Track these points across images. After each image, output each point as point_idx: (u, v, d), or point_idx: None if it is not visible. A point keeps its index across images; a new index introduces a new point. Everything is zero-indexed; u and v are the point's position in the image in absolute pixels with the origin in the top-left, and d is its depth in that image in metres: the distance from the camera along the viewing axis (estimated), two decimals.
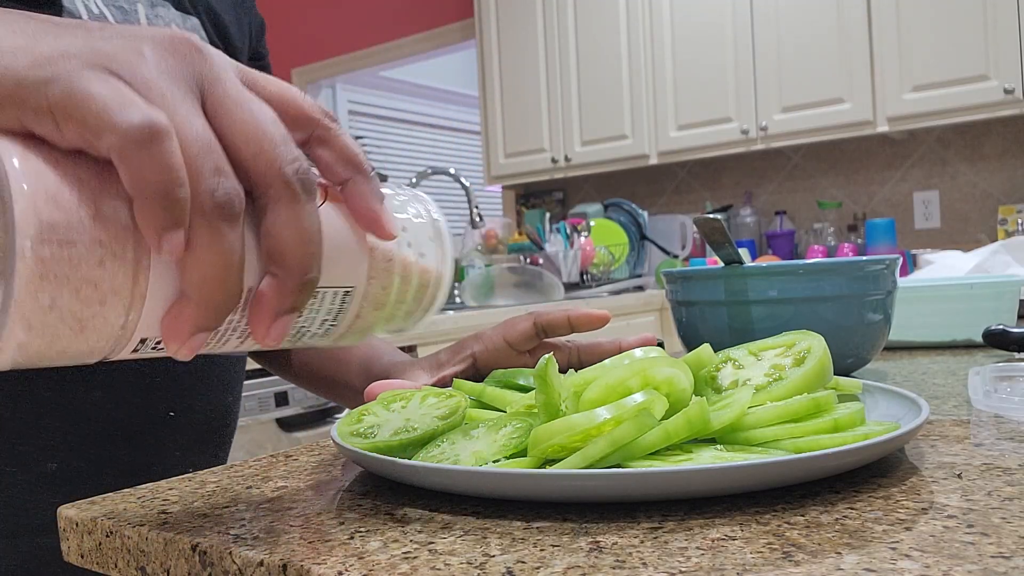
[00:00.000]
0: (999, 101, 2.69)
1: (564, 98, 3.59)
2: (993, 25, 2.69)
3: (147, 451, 0.61)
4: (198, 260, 0.29)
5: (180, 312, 0.30)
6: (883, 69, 2.88)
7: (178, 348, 0.30)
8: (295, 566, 0.31)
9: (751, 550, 0.30)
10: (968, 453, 0.42)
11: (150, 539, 0.36)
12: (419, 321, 0.40)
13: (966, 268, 1.27)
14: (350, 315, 0.36)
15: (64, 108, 0.27)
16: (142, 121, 0.27)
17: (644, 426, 0.37)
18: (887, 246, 2.87)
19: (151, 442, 0.61)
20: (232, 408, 0.70)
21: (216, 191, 0.28)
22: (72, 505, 0.41)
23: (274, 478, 0.45)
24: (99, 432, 0.58)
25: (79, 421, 0.57)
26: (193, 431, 0.64)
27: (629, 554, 0.30)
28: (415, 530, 0.34)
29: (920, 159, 3.18)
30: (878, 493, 0.36)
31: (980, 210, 3.08)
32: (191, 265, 0.29)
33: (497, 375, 0.58)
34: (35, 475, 0.56)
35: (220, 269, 0.29)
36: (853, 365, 0.69)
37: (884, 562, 0.28)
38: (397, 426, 0.45)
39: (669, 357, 0.44)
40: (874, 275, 0.67)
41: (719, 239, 0.67)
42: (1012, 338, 0.76)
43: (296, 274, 0.31)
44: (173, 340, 0.30)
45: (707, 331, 0.70)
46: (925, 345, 0.87)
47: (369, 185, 0.34)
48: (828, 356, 0.45)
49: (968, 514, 0.32)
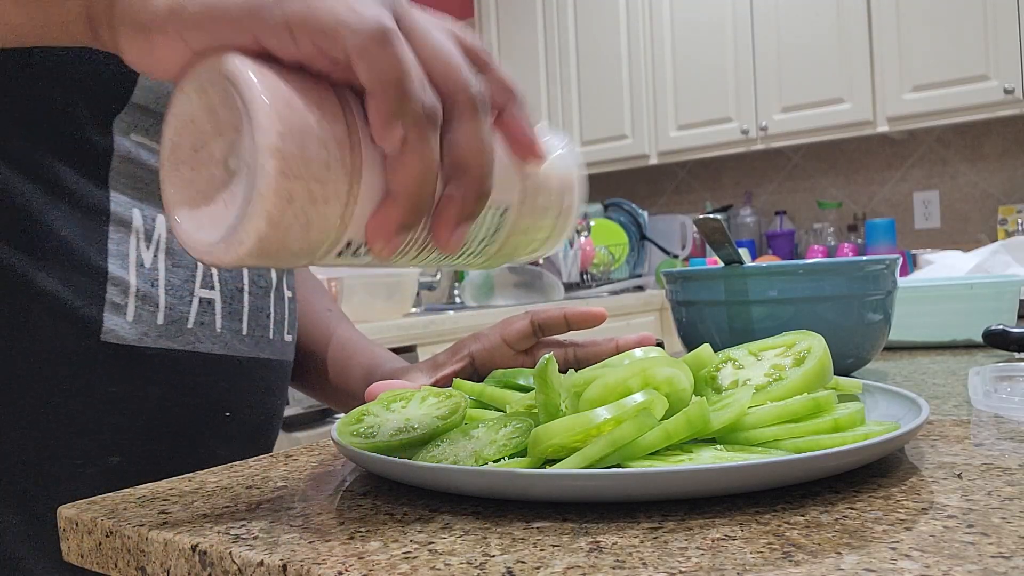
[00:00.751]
0: (999, 101, 2.69)
1: (564, 98, 3.59)
2: (993, 25, 2.69)
3: (200, 450, 0.61)
4: (407, 161, 0.32)
5: (387, 212, 0.33)
6: (883, 69, 2.88)
7: (383, 246, 0.33)
8: (295, 566, 0.31)
9: (751, 550, 0.30)
10: (968, 453, 0.42)
11: (150, 539, 0.36)
12: (555, 245, 0.43)
13: (966, 268, 1.27)
14: (504, 234, 0.39)
15: (302, 20, 0.31)
16: (379, 23, 0.31)
17: (644, 426, 0.37)
18: (887, 246, 2.87)
19: (206, 441, 0.62)
20: (279, 411, 0.71)
21: (425, 100, 0.32)
22: (72, 505, 0.41)
23: (274, 478, 0.45)
24: (158, 429, 0.59)
25: (140, 417, 0.58)
26: (244, 432, 0.65)
27: (629, 554, 0.30)
28: (415, 530, 0.34)
29: (920, 159, 3.18)
30: (878, 493, 0.36)
31: (980, 210, 3.08)
32: (401, 165, 0.32)
33: (497, 375, 0.58)
34: (100, 468, 0.56)
35: (423, 171, 0.32)
36: (853, 365, 0.69)
37: (884, 562, 0.28)
38: (397, 426, 0.45)
39: (669, 357, 0.44)
40: (874, 275, 0.67)
41: (719, 239, 0.67)
42: (1012, 338, 0.76)
43: (476, 183, 0.34)
44: (379, 238, 0.33)
45: (707, 331, 0.70)
46: (925, 345, 0.87)
47: (524, 111, 0.37)
48: (828, 356, 0.45)
49: (968, 514, 0.32)
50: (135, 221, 0.58)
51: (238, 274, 0.64)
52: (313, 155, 0.31)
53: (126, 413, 0.57)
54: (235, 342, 0.63)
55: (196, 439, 0.61)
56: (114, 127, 0.57)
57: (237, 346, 0.63)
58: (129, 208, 0.58)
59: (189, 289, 0.60)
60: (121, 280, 0.57)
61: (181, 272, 0.60)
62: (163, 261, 0.59)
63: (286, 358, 0.70)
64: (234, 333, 0.63)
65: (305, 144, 0.31)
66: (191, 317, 0.60)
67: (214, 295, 0.62)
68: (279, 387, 0.70)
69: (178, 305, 0.59)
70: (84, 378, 0.56)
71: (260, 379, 0.66)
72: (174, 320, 0.59)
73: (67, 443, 0.56)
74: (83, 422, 0.56)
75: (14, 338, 0.54)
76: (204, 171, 0.34)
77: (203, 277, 0.61)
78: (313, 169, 0.31)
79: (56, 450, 0.56)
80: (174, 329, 0.59)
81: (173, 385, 0.59)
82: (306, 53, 0.31)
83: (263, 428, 0.68)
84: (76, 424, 0.56)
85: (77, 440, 0.56)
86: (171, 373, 0.59)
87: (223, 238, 0.32)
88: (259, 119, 0.30)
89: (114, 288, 0.56)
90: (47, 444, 0.55)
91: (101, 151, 0.56)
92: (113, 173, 0.57)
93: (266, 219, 0.30)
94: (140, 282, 0.57)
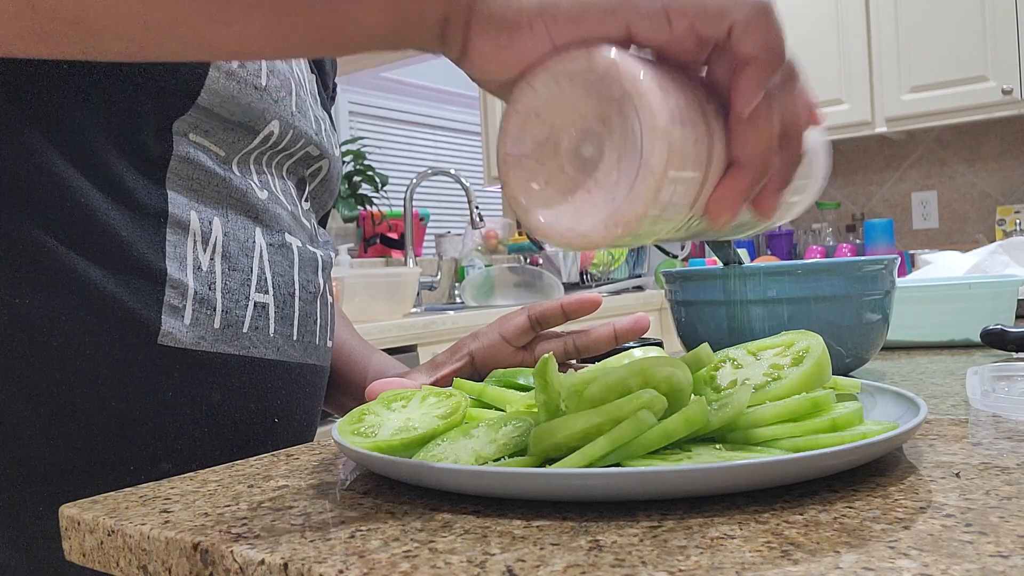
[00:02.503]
0: (997, 102, 2.69)
1: None
2: (991, 26, 2.69)
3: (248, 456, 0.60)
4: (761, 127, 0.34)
5: (735, 181, 0.35)
6: (882, 70, 2.88)
7: (728, 217, 0.35)
8: (296, 565, 0.31)
9: (750, 549, 0.30)
10: (966, 452, 0.42)
11: (152, 538, 0.36)
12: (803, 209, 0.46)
13: (964, 268, 1.27)
14: None
15: (681, 3, 0.33)
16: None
17: (643, 426, 0.37)
18: (885, 246, 2.88)
19: (254, 447, 0.61)
20: (316, 417, 0.70)
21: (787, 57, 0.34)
22: (73, 504, 0.42)
23: (275, 477, 0.45)
24: (211, 435, 0.58)
25: (192, 422, 0.57)
26: (289, 437, 0.64)
27: (629, 553, 0.30)
28: (415, 529, 0.35)
29: (918, 159, 3.18)
30: (876, 492, 0.36)
31: (978, 210, 3.08)
32: (755, 132, 0.34)
33: (497, 374, 0.58)
34: (151, 474, 0.55)
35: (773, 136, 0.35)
36: (851, 365, 0.69)
37: (883, 561, 0.28)
38: (397, 425, 0.45)
39: (668, 357, 0.44)
40: (872, 275, 0.67)
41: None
42: (1010, 338, 0.76)
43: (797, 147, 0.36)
44: (725, 209, 0.35)
45: (706, 331, 0.70)
46: (923, 345, 0.87)
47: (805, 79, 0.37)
48: (827, 356, 0.45)
49: (966, 513, 0.33)
50: (192, 223, 0.57)
51: (290, 279, 0.63)
52: (689, 136, 0.33)
53: (180, 418, 0.56)
54: (287, 347, 0.63)
55: (246, 445, 0.60)
56: (174, 128, 0.56)
57: (288, 351, 0.63)
58: (187, 210, 0.57)
59: (245, 293, 0.59)
60: (179, 282, 0.56)
61: (237, 276, 0.59)
62: (220, 264, 0.58)
63: (328, 364, 0.70)
64: (286, 339, 0.63)
65: (684, 126, 0.33)
66: (247, 321, 0.60)
67: (268, 300, 0.61)
68: (321, 392, 0.70)
69: (234, 309, 0.59)
70: (140, 382, 0.55)
71: (308, 385, 0.66)
72: (230, 324, 0.58)
73: (121, 449, 0.55)
74: (138, 427, 0.55)
75: (71, 339, 0.53)
76: (551, 162, 0.36)
77: (258, 281, 0.60)
78: (689, 149, 0.33)
79: (108, 455, 0.55)
80: (230, 333, 0.58)
81: (227, 390, 0.58)
82: (678, 35, 0.33)
83: (305, 433, 0.67)
84: (131, 429, 0.55)
85: (130, 446, 0.55)
86: (225, 378, 0.58)
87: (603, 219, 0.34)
88: (652, 105, 0.32)
89: (172, 290, 0.55)
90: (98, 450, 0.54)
91: (160, 151, 0.56)
92: (171, 174, 0.56)
93: (652, 199, 0.32)
94: (198, 285, 0.57)
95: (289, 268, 0.64)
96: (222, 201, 0.59)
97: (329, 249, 0.73)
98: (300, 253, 0.65)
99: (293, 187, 0.69)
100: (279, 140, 0.64)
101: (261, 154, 0.63)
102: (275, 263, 0.62)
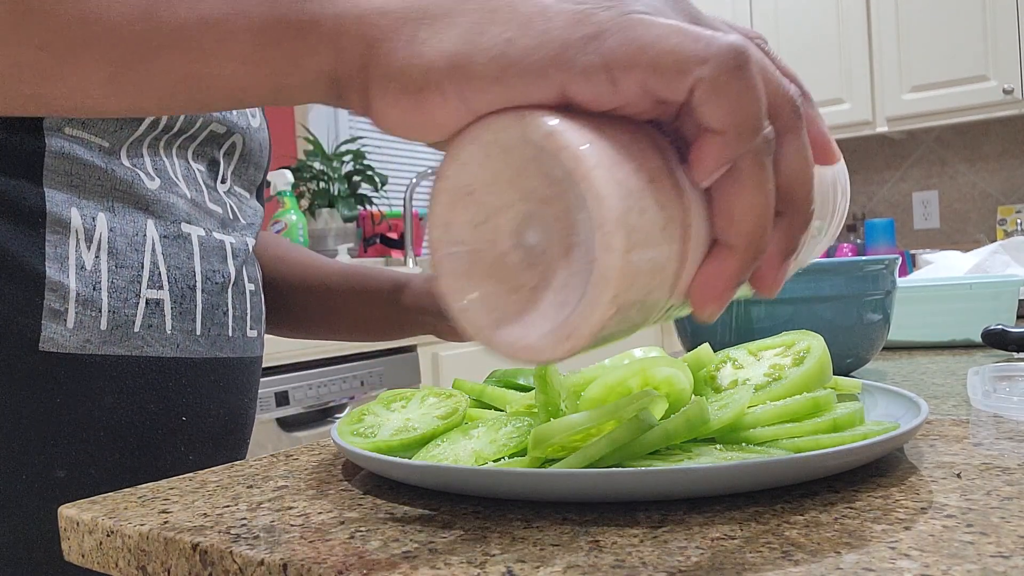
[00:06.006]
0: (998, 101, 2.69)
1: None
2: (992, 26, 2.69)
3: (161, 457, 0.59)
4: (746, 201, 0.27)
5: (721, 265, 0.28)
6: (882, 69, 2.88)
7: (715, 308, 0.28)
8: (295, 565, 0.31)
9: (750, 549, 0.30)
10: (967, 453, 0.42)
11: (151, 538, 0.36)
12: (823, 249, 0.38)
13: (965, 268, 1.27)
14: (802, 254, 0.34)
15: (629, 59, 0.26)
16: (731, 45, 0.25)
17: (644, 426, 0.37)
18: (886, 246, 2.88)
19: (165, 448, 0.60)
20: (248, 410, 0.69)
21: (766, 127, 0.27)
22: (72, 505, 0.41)
23: (274, 477, 0.45)
24: (111, 439, 0.57)
25: (90, 428, 0.56)
26: (208, 435, 0.63)
27: (629, 553, 0.30)
28: (415, 529, 0.35)
29: (919, 159, 3.18)
30: (877, 493, 0.36)
31: (979, 210, 3.08)
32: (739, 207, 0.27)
33: (497, 374, 0.58)
34: (44, 483, 0.54)
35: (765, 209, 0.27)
36: (852, 365, 0.69)
37: (883, 561, 0.28)
38: (397, 426, 0.45)
39: (669, 357, 0.44)
40: (873, 275, 0.67)
41: None
42: (1011, 338, 0.76)
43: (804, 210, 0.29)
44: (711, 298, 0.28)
45: (707, 331, 0.70)
46: (924, 345, 0.87)
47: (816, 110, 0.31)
48: (827, 356, 0.45)
49: (967, 513, 0.33)
50: (74, 220, 0.55)
51: (189, 271, 0.61)
52: (655, 220, 0.26)
53: (71, 424, 0.55)
54: (189, 343, 0.61)
55: (154, 446, 0.59)
56: (44, 124, 0.54)
57: (191, 347, 0.61)
58: (67, 207, 0.55)
59: (135, 290, 0.57)
60: (60, 285, 0.54)
61: (125, 272, 0.57)
62: (105, 262, 0.56)
63: (250, 354, 0.68)
64: (187, 334, 0.61)
65: (645, 210, 0.26)
66: (138, 320, 0.57)
67: (163, 295, 0.59)
68: (243, 385, 0.67)
69: (123, 308, 0.56)
70: (24, 390, 0.53)
71: (219, 379, 0.64)
72: (119, 324, 0.56)
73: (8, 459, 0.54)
74: (27, 436, 0.54)
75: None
76: (490, 250, 0.29)
77: (150, 276, 0.58)
78: (654, 236, 0.26)
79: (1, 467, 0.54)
80: (119, 334, 0.56)
81: (120, 393, 0.57)
82: (627, 98, 0.26)
83: (230, 428, 0.66)
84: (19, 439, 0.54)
85: (20, 455, 0.54)
86: (118, 380, 0.57)
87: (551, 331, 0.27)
88: (600, 190, 0.25)
89: (52, 294, 0.53)
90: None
91: (33, 148, 0.54)
92: (47, 171, 0.54)
93: (611, 303, 0.26)
94: (81, 286, 0.55)
95: (188, 259, 0.61)
96: (107, 195, 0.57)
97: (250, 233, 0.69)
98: (201, 242, 0.62)
99: (203, 170, 0.66)
100: (171, 123, 0.61)
101: (155, 140, 0.60)
102: (170, 255, 0.60)
